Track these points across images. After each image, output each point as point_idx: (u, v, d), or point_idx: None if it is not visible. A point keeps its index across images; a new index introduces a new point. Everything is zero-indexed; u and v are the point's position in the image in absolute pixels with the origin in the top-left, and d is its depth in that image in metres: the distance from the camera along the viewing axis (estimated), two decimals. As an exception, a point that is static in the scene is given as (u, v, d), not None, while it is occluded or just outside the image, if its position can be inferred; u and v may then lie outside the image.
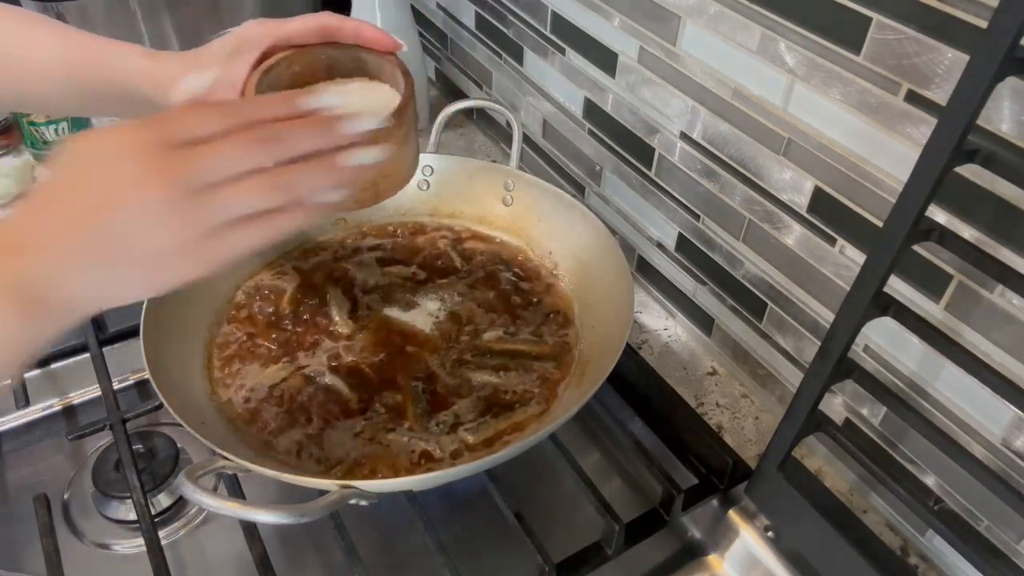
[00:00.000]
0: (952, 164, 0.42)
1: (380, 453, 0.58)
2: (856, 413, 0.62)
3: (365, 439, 0.59)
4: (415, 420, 0.60)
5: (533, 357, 0.65)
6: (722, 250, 0.70)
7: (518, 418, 0.60)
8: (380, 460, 0.57)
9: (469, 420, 0.60)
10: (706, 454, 0.65)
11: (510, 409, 0.61)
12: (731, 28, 0.61)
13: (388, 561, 0.62)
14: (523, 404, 0.61)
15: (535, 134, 0.94)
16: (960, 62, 0.46)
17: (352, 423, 0.60)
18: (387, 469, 0.57)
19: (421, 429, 0.59)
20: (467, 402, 0.61)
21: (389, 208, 0.79)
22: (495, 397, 0.62)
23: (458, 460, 0.57)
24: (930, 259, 0.52)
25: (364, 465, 0.57)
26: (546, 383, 0.63)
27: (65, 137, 0.94)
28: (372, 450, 0.58)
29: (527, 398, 0.62)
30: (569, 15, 0.79)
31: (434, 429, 0.59)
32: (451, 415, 0.60)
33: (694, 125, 0.68)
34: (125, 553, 0.62)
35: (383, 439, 0.59)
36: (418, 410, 0.60)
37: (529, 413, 0.61)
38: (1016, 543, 0.53)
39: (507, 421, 0.60)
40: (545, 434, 0.55)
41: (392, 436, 0.59)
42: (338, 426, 0.60)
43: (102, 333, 0.72)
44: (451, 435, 0.59)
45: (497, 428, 0.59)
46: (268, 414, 0.61)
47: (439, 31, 1.08)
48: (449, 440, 0.58)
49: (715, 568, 0.64)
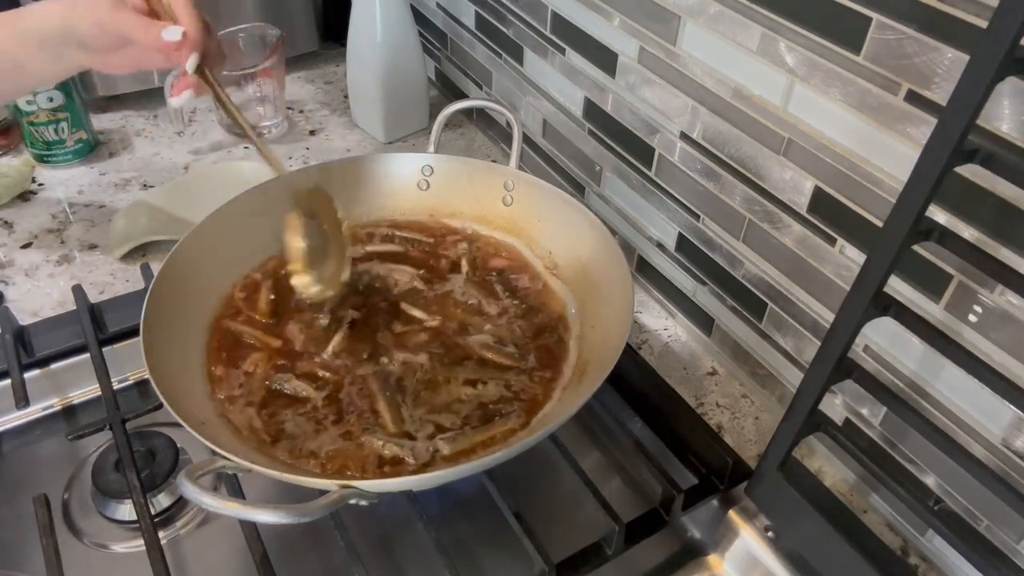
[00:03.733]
0: (952, 164, 0.42)
1: (352, 451, 0.58)
2: (856, 413, 0.62)
3: (346, 439, 0.59)
4: (392, 424, 0.60)
5: (518, 370, 0.65)
6: (722, 250, 0.70)
7: (496, 431, 0.59)
8: (351, 459, 0.57)
9: (447, 429, 0.59)
10: (706, 454, 0.65)
11: (488, 421, 0.60)
12: (731, 28, 0.61)
13: (388, 561, 0.62)
14: (503, 417, 0.61)
15: (535, 134, 0.94)
16: (960, 62, 0.46)
17: (340, 424, 0.60)
18: (358, 469, 0.57)
19: (398, 434, 0.59)
20: (448, 411, 0.61)
21: (388, 208, 0.79)
22: (476, 408, 0.61)
23: (428, 469, 0.57)
24: (930, 259, 0.52)
25: (335, 460, 0.57)
26: (528, 397, 0.63)
27: (65, 136, 0.95)
28: (344, 448, 0.58)
29: (508, 412, 0.61)
30: (569, 15, 0.79)
31: (411, 434, 0.59)
32: (431, 422, 0.60)
33: (694, 125, 0.68)
34: (125, 553, 0.62)
35: (361, 440, 0.58)
36: (395, 414, 0.60)
37: (508, 427, 0.60)
38: (1016, 543, 0.53)
39: (484, 434, 0.59)
40: (545, 434, 0.55)
41: (366, 438, 0.58)
42: (331, 427, 0.60)
43: (102, 333, 0.72)
44: (428, 442, 0.58)
45: (473, 440, 0.59)
46: (268, 414, 0.61)
47: (439, 31, 1.08)
48: (424, 448, 0.58)
49: (715, 568, 0.64)
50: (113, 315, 0.74)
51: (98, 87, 1.04)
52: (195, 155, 1.01)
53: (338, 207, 0.67)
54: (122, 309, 0.75)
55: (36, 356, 0.71)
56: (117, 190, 0.94)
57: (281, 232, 0.64)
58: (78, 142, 0.97)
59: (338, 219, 0.67)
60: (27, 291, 0.80)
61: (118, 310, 0.75)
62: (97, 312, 0.74)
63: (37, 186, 0.94)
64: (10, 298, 0.79)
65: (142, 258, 0.83)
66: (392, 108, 1.02)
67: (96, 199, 0.93)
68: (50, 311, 0.77)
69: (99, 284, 0.81)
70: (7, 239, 0.86)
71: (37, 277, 0.82)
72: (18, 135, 0.98)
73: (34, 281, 0.81)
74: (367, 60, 0.98)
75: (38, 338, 0.72)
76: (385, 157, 0.79)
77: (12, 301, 0.79)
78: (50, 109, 0.92)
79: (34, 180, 0.95)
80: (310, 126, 1.08)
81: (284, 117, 1.07)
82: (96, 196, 0.93)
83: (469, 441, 0.59)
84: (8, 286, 0.81)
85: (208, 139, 1.04)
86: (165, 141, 1.03)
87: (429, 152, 0.78)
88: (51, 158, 0.96)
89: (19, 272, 0.82)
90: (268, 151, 0.65)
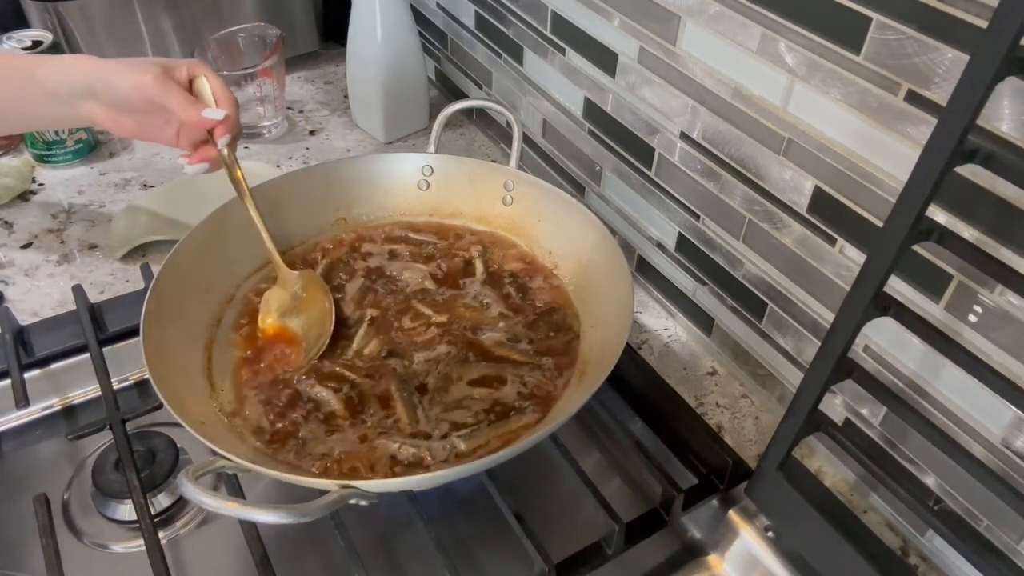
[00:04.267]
0: (952, 164, 0.42)
1: (364, 453, 0.58)
2: (856, 413, 0.62)
3: (356, 440, 0.59)
4: (408, 424, 0.60)
5: (532, 366, 0.65)
6: (722, 250, 0.70)
7: (512, 426, 0.60)
8: (362, 460, 0.57)
9: (463, 426, 0.60)
10: (706, 454, 0.65)
11: (504, 417, 0.60)
12: (731, 28, 0.61)
13: (388, 561, 0.62)
14: (519, 413, 0.61)
15: (535, 134, 0.94)
16: (960, 62, 0.46)
17: (348, 424, 0.60)
18: (369, 471, 0.57)
19: (413, 434, 0.59)
20: (462, 408, 0.61)
21: (389, 208, 0.79)
22: (491, 404, 0.62)
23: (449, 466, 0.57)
24: (930, 259, 0.52)
25: (344, 463, 0.57)
26: (543, 393, 0.63)
27: (65, 136, 0.95)
28: (357, 450, 0.58)
29: (523, 407, 0.61)
30: (569, 15, 0.79)
31: (427, 434, 0.59)
32: (446, 420, 0.60)
33: (694, 125, 0.68)
34: (125, 553, 0.62)
35: (375, 442, 0.58)
36: (411, 414, 0.60)
37: (524, 422, 0.60)
38: (1016, 543, 0.53)
39: (501, 429, 0.59)
40: (545, 434, 0.55)
41: (381, 440, 0.58)
42: (334, 427, 0.60)
43: (102, 333, 0.72)
44: (443, 440, 0.59)
45: (489, 436, 0.59)
46: (267, 414, 0.61)
47: (439, 31, 1.08)
48: (440, 446, 0.58)
49: (715, 568, 0.64)
50: (113, 315, 0.74)
51: (98, 87, 1.04)
52: (195, 155, 1.01)
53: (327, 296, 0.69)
54: (122, 309, 0.75)
55: (36, 356, 0.71)
56: (117, 190, 0.94)
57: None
58: (78, 142, 0.97)
59: (325, 304, 0.68)
60: (27, 291, 0.80)
61: (118, 310, 0.75)
62: (97, 312, 0.74)
63: (37, 186, 0.94)
64: (10, 298, 0.79)
65: (142, 258, 0.83)
66: (392, 108, 1.02)
67: (96, 199, 0.93)
68: (50, 311, 0.77)
69: (99, 284, 0.81)
70: (7, 239, 0.86)
71: (37, 277, 0.82)
72: (18, 135, 0.98)
73: (34, 281, 0.81)
74: (367, 60, 0.98)
75: (38, 338, 0.72)
76: (385, 157, 0.79)
77: (12, 301, 0.79)
78: (50, 109, 0.92)
79: (34, 180, 0.95)
80: (310, 126, 1.08)
81: (284, 117, 1.07)
82: (96, 196, 0.93)
83: (485, 437, 0.59)
84: (8, 286, 0.81)
85: (208, 139, 1.04)
86: (165, 141, 1.03)
87: (429, 152, 0.78)
88: (51, 158, 0.96)
89: (19, 272, 0.82)
90: (263, 225, 0.69)
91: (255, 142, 1.04)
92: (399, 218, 0.79)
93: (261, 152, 1.03)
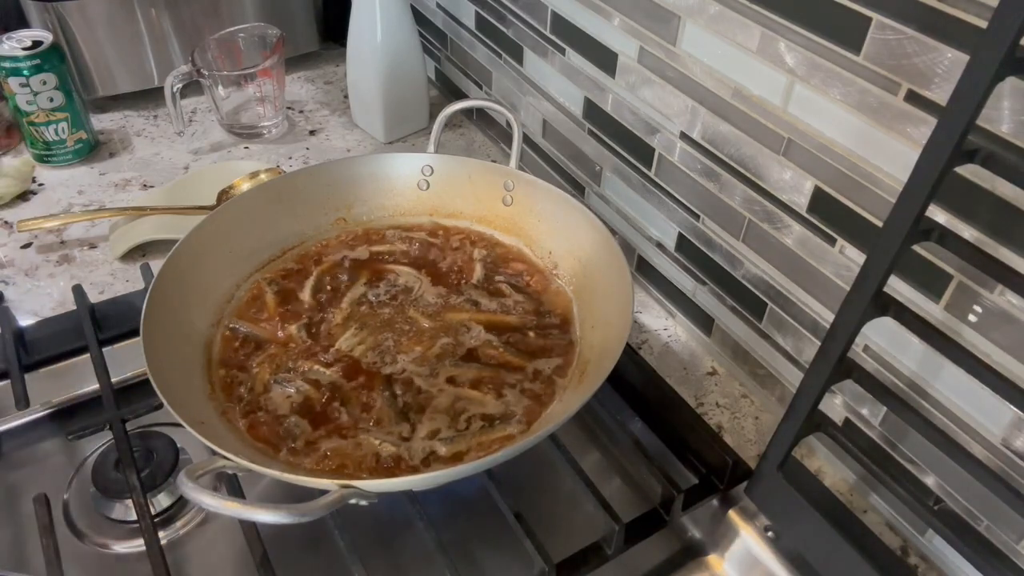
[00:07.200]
0: (952, 164, 0.42)
1: (350, 450, 0.58)
2: (856, 413, 0.62)
3: (343, 437, 0.59)
4: (390, 424, 0.59)
5: (526, 370, 0.64)
6: (722, 250, 0.70)
7: (496, 435, 0.59)
8: (349, 457, 0.57)
9: (446, 430, 0.59)
10: (706, 454, 0.65)
11: (489, 425, 0.60)
12: (731, 28, 0.61)
13: (388, 561, 0.62)
14: (503, 422, 0.60)
15: (535, 134, 0.94)
16: (960, 62, 0.46)
17: (340, 424, 0.60)
18: (356, 467, 0.57)
19: (395, 435, 0.59)
20: (450, 412, 0.61)
21: (388, 208, 0.79)
22: (479, 410, 0.61)
23: (427, 468, 0.57)
24: (930, 259, 0.52)
25: (333, 458, 0.57)
26: (535, 399, 0.62)
27: (65, 136, 0.95)
28: (342, 446, 0.58)
29: (510, 416, 0.61)
30: (569, 15, 0.79)
31: (407, 435, 0.59)
32: (430, 422, 0.60)
33: (694, 125, 0.68)
34: (125, 553, 0.62)
35: (361, 440, 0.58)
36: (393, 415, 0.60)
37: (507, 432, 0.59)
38: (1016, 543, 0.53)
39: (483, 437, 0.59)
40: (545, 434, 0.55)
41: (363, 436, 0.58)
42: (331, 427, 0.60)
43: (102, 333, 0.72)
44: (425, 442, 0.58)
45: (471, 443, 0.58)
46: (268, 414, 0.61)
47: (439, 31, 1.08)
48: (420, 448, 0.58)
49: (715, 568, 0.64)
50: (113, 315, 0.74)
51: (98, 87, 1.04)
52: (195, 155, 1.01)
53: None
54: (122, 309, 0.75)
55: (36, 356, 0.71)
56: (117, 190, 0.94)
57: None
58: (78, 142, 0.97)
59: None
60: (27, 291, 0.80)
61: (118, 310, 0.75)
62: (97, 312, 0.74)
63: (37, 186, 0.94)
64: (10, 298, 0.79)
65: (142, 258, 0.83)
66: (392, 108, 1.02)
67: (96, 199, 0.93)
68: (50, 311, 0.77)
69: (99, 284, 0.81)
70: (7, 239, 0.86)
71: (37, 277, 0.82)
72: (18, 135, 0.98)
73: (34, 281, 0.81)
74: (367, 60, 0.98)
75: (38, 338, 0.72)
76: (385, 157, 0.79)
77: (12, 301, 0.79)
78: (50, 109, 0.92)
79: (34, 180, 0.95)
80: (310, 126, 1.08)
81: (284, 117, 1.07)
82: (96, 196, 0.93)
83: (466, 444, 0.59)
84: (8, 286, 0.81)
85: (208, 139, 1.04)
86: (165, 141, 1.03)
87: (429, 152, 0.78)
88: (51, 158, 0.96)
89: (19, 272, 0.82)
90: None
91: (255, 142, 1.04)
92: (399, 218, 0.79)
93: (261, 152, 1.03)
